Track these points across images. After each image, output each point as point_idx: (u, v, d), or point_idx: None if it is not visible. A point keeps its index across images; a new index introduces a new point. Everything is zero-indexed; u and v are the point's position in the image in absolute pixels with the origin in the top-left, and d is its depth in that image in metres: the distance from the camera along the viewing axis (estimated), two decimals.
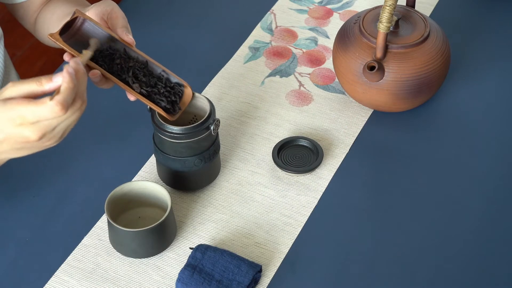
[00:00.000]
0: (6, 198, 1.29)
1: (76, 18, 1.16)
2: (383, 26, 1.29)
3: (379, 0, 1.61)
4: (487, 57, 1.50)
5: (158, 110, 1.17)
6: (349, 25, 1.40)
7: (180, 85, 1.21)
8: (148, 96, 1.17)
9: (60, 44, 1.13)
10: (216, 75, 1.48)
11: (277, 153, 1.33)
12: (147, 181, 1.23)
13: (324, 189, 1.30)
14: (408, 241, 1.23)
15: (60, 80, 1.01)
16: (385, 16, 1.29)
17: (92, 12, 1.19)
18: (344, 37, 1.39)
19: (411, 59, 1.33)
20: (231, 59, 1.51)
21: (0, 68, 1.43)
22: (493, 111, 1.41)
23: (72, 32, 1.17)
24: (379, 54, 1.33)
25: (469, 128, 1.39)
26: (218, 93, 1.45)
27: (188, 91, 1.22)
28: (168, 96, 1.18)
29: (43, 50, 2.82)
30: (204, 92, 1.45)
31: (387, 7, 1.28)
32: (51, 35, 1.14)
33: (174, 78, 1.20)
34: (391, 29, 1.34)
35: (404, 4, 1.45)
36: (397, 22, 1.36)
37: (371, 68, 1.32)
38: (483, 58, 1.50)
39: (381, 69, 1.32)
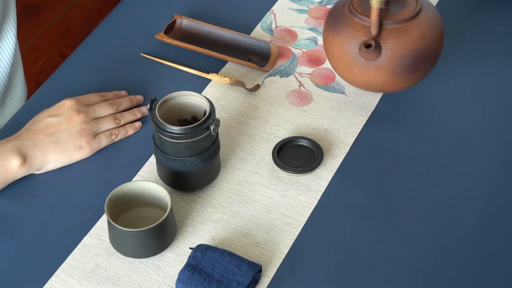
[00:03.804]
0: (6, 198, 1.29)
1: (175, 20, 1.54)
2: (376, 1, 1.27)
3: None
4: (488, 58, 1.50)
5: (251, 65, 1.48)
6: (337, 7, 1.38)
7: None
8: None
9: (167, 41, 1.51)
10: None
11: (277, 153, 1.33)
12: (147, 181, 1.23)
13: (324, 189, 1.30)
14: (408, 241, 1.23)
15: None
16: None
17: None
18: (334, 19, 1.37)
19: (406, 34, 1.32)
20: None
21: (9, 61, 1.43)
22: (493, 111, 1.41)
23: (175, 30, 1.54)
24: (373, 31, 1.30)
25: (469, 128, 1.39)
26: (218, 93, 1.45)
27: (273, 47, 1.50)
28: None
29: (43, 50, 2.82)
30: (204, 92, 1.45)
31: None
32: (158, 36, 1.51)
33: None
34: (382, 6, 1.32)
35: None
36: (387, 1, 1.33)
37: (368, 46, 1.30)
38: (483, 58, 1.50)
39: (378, 47, 1.31)
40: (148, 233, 1.17)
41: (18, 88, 1.54)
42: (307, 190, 1.30)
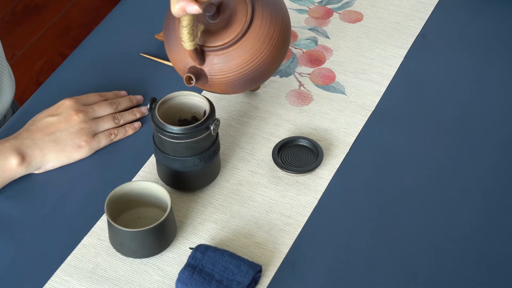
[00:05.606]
0: (6, 198, 1.29)
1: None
2: (187, 45, 1.17)
3: (381, 0, 1.61)
4: (488, 58, 1.50)
5: None
6: (170, 17, 1.26)
7: None
8: None
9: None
10: None
11: (277, 153, 1.33)
12: (147, 181, 1.23)
13: (324, 189, 1.30)
14: (408, 241, 1.23)
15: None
16: (185, 36, 1.16)
17: None
18: (167, 32, 1.27)
19: (233, 60, 1.22)
20: None
21: None
22: (493, 112, 1.41)
23: None
24: (196, 63, 1.23)
25: (470, 128, 1.39)
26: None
27: None
28: None
29: (43, 50, 2.82)
30: (204, 92, 1.45)
31: (184, 28, 1.15)
32: (158, 35, 1.49)
33: None
34: (209, 21, 1.22)
35: None
36: (218, 7, 1.22)
37: (190, 79, 1.22)
38: (483, 59, 1.50)
39: (202, 77, 1.23)
40: (148, 233, 1.17)
41: (5, 90, 1.52)
42: (307, 190, 1.30)
